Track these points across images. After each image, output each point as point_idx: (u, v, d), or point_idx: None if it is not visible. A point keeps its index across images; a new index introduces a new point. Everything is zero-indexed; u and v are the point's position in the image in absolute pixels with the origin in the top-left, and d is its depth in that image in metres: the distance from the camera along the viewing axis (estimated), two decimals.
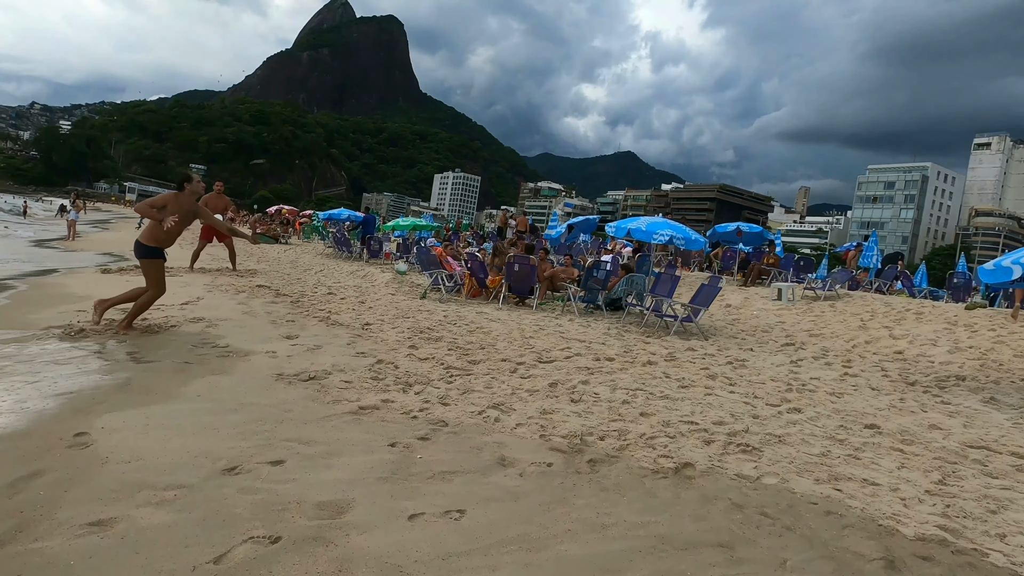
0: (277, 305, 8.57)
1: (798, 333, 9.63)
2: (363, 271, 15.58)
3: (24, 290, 9.10)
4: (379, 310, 8.75)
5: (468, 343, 6.89)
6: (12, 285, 9.52)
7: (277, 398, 4.42)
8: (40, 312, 7.18)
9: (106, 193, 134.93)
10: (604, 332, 8.47)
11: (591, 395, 5.09)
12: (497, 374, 5.60)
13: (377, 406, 4.40)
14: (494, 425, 4.20)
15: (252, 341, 6.16)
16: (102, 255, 16.48)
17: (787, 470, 3.77)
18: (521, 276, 10.36)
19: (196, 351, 5.61)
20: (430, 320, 8.24)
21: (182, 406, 4.11)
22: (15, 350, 5.32)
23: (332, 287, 11.24)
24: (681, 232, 9.15)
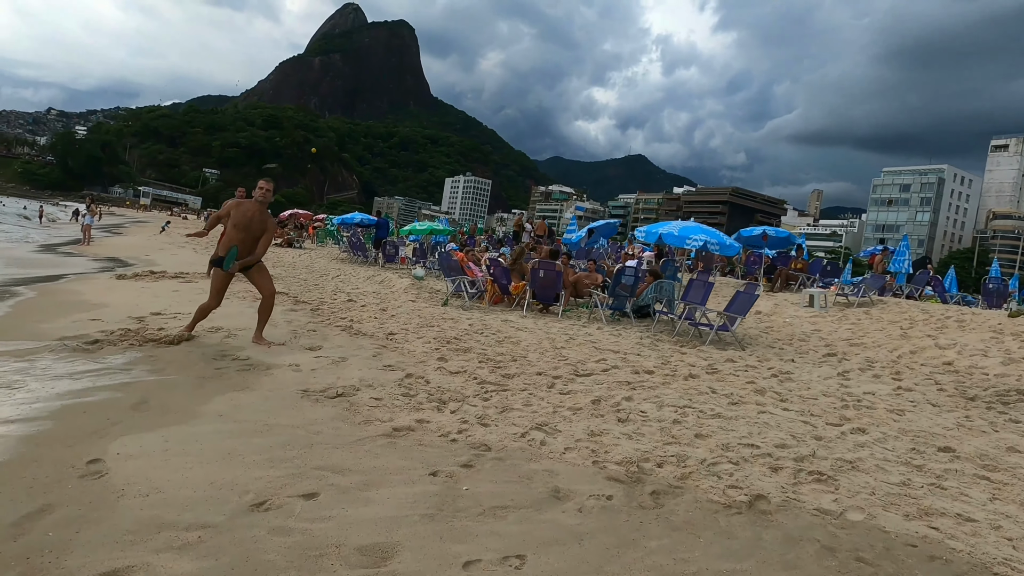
0: (297, 313, 8.27)
1: (837, 342, 9.21)
2: (380, 276, 15.29)
3: (36, 297, 8.87)
4: (402, 318, 8.43)
5: (498, 354, 6.55)
6: (21, 292, 9.29)
7: (304, 418, 4.10)
8: (53, 321, 6.92)
9: (120, 197, 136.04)
10: (637, 342, 8.10)
11: (638, 413, 4.73)
12: (535, 389, 5.25)
13: (412, 427, 4.06)
14: (540, 449, 3.85)
15: (273, 353, 5.86)
16: (100, 260, 16.32)
17: (870, 503, 3.40)
18: (546, 283, 10.01)
19: (215, 364, 5.31)
20: (455, 329, 7.91)
21: (203, 428, 3.80)
22: (26, 363, 5.04)
23: (351, 294, 10.94)
24: (715, 237, 8.77)
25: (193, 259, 17.34)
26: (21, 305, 8.14)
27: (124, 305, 8.15)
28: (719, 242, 8.82)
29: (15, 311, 7.63)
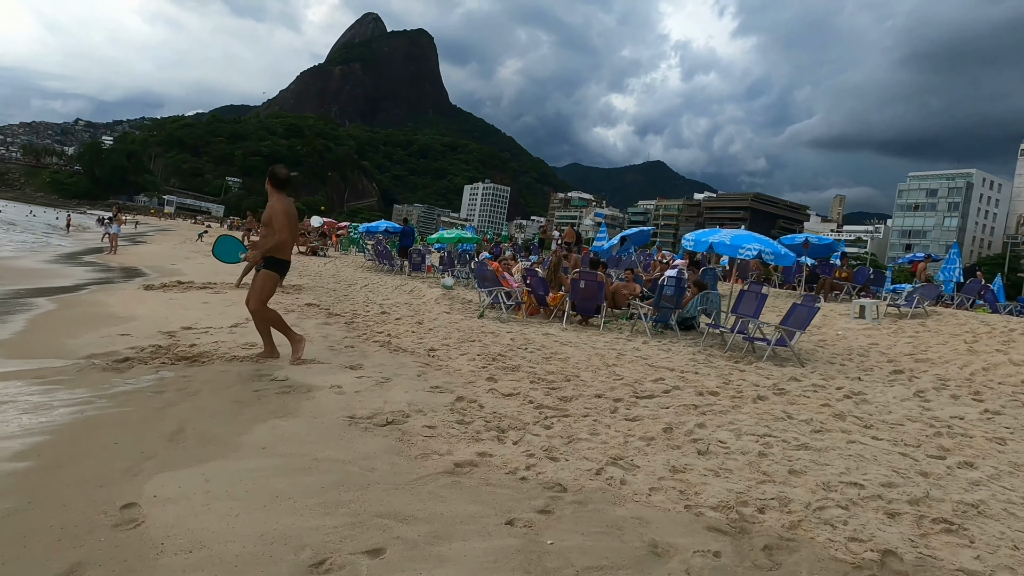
0: (331, 327, 7.92)
1: (900, 358, 8.65)
2: (408, 286, 14.95)
3: (62, 309, 8.63)
4: (440, 333, 8.04)
5: (548, 373, 6.12)
6: (45, 305, 9.07)
7: (355, 451, 3.71)
8: (80, 335, 6.64)
9: (145, 206, 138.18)
10: (690, 358, 7.62)
11: (717, 444, 4.27)
12: (597, 415, 4.81)
13: (474, 462, 3.65)
14: (622, 490, 3.41)
15: (312, 372, 5.49)
16: (125, 269, 16.19)
17: (1018, 561, 2.91)
18: (587, 294, 9.57)
19: (253, 386, 4.95)
20: (498, 344, 7.50)
21: (246, 463, 3.42)
22: (53, 385, 4.72)
23: (384, 305, 10.59)
24: (770, 246, 8.27)
25: (220, 268, 17.16)
26: (47, 318, 7.90)
27: (153, 318, 7.87)
28: (774, 251, 8.32)
29: (41, 325, 7.38)
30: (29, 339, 6.46)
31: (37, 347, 6.05)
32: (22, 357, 5.57)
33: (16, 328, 7.06)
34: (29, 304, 8.91)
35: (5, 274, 13.30)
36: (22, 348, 5.99)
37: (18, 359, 5.49)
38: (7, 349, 5.89)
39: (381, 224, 23.52)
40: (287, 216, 5.59)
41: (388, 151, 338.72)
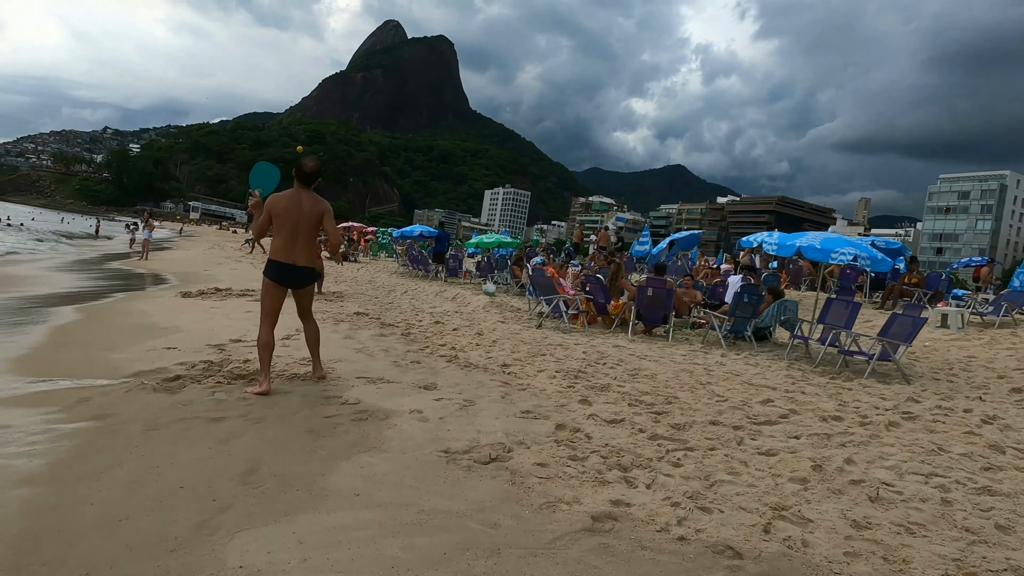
0: (388, 339, 7.31)
1: (1011, 373, 7.80)
2: (448, 292, 14.35)
3: (101, 319, 8.13)
4: (506, 346, 7.39)
5: (643, 393, 5.44)
6: (76, 314, 8.58)
7: (467, 499, 3.06)
8: (123, 349, 6.10)
9: (172, 212, 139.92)
10: (783, 374, 6.88)
11: (888, 489, 3.56)
12: (724, 447, 4.12)
13: (612, 514, 2.98)
14: (808, 554, 2.72)
15: (385, 394, 4.87)
16: (160, 275, 15.79)
17: None
18: (655, 302, 8.87)
19: (322, 410, 4.34)
20: (572, 359, 6.83)
21: (341, 516, 2.79)
22: (102, 409, 4.16)
23: (434, 314, 9.98)
24: (866, 251, 7.50)
25: (253, 274, 16.74)
26: (86, 329, 7.39)
27: (198, 330, 7.33)
28: (870, 256, 7.55)
29: (80, 336, 6.86)
30: (69, 353, 5.93)
31: (78, 362, 5.52)
32: (63, 375, 5.02)
33: (54, 339, 6.55)
34: (62, 313, 8.44)
35: (34, 280, 12.96)
36: (62, 364, 5.46)
37: (59, 376, 4.95)
38: (47, 365, 5.36)
39: (416, 228, 22.99)
40: (280, 213, 4.68)
41: (409, 156, 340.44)
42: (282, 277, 4.76)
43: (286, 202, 4.73)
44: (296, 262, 4.76)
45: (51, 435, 3.64)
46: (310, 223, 4.79)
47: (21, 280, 12.99)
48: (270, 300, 4.82)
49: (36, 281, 12.89)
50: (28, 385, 4.70)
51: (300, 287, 4.92)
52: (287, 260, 4.73)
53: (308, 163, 4.84)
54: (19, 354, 5.75)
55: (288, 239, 4.73)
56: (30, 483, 3.01)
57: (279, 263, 4.74)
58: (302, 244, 4.77)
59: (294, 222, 4.72)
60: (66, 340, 6.61)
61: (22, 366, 5.30)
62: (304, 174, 4.81)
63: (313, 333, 5.12)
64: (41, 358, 5.66)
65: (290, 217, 4.71)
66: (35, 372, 5.09)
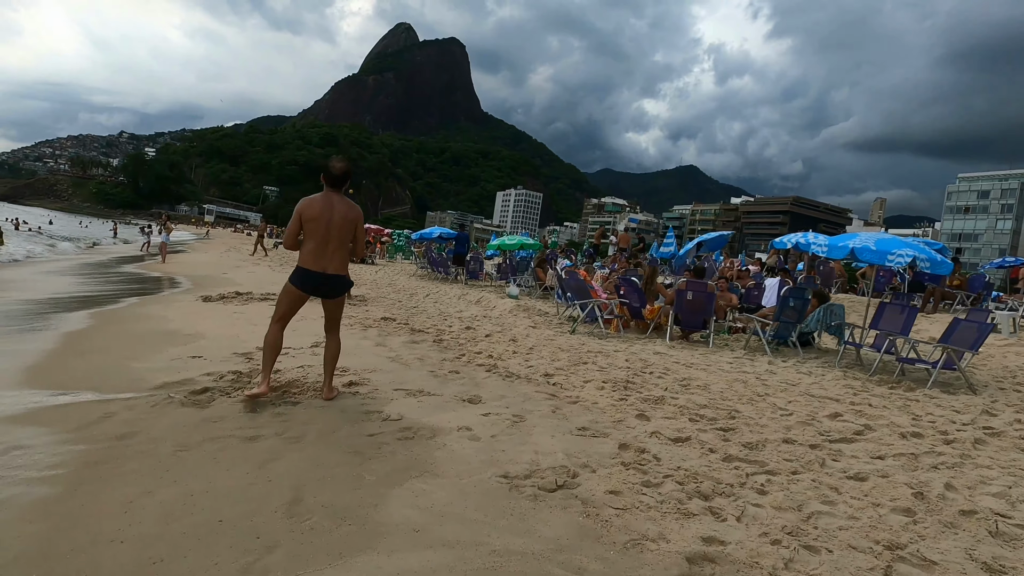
0: (420, 346, 6.98)
1: None
2: (471, 295, 14.02)
3: (118, 324, 7.86)
4: (544, 353, 7.04)
5: (701, 407, 5.06)
6: (93, 318, 8.32)
7: (539, 535, 2.71)
8: (146, 357, 5.79)
9: (187, 215, 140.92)
10: (842, 385, 6.47)
11: (1006, 522, 3.16)
12: (807, 470, 3.73)
13: (708, 555, 2.62)
14: None
15: (428, 408, 4.52)
16: (179, 278, 15.57)
17: None
18: (695, 306, 8.47)
19: (364, 427, 4.00)
20: (615, 367, 6.46)
21: (404, 560, 2.44)
22: (129, 426, 3.84)
23: (463, 318, 9.64)
24: (924, 252, 7.05)
25: (272, 277, 16.50)
26: (105, 334, 7.11)
27: (222, 336, 7.03)
28: (929, 258, 7.11)
29: (103, 343, 6.58)
30: (89, 362, 5.64)
31: (100, 372, 5.22)
32: (84, 386, 4.72)
33: (73, 346, 6.27)
34: (79, 318, 8.19)
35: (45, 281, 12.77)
36: (82, 374, 5.16)
37: (80, 389, 4.65)
38: (67, 375, 5.06)
39: (435, 230, 22.68)
40: (312, 218, 4.33)
41: (421, 158, 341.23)
42: (308, 284, 4.42)
43: (318, 207, 4.36)
44: (326, 269, 4.39)
45: (73, 457, 3.33)
46: (343, 229, 4.40)
47: (33, 284, 12.81)
48: (287, 303, 4.49)
49: (48, 285, 12.70)
50: (48, 398, 4.41)
51: (330, 296, 4.53)
52: (316, 267, 4.37)
53: (336, 164, 4.44)
54: (36, 362, 5.47)
55: (319, 245, 4.37)
56: (50, 515, 2.69)
57: (307, 270, 4.38)
58: (332, 250, 4.39)
59: (326, 228, 4.35)
60: (85, 347, 6.34)
61: (40, 376, 5.02)
62: (333, 176, 4.42)
63: (334, 350, 4.67)
64: (60, 367, 5.37)
65: (322, 222, 4.34)
66: (54, 383, 4.80)
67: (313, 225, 4.36)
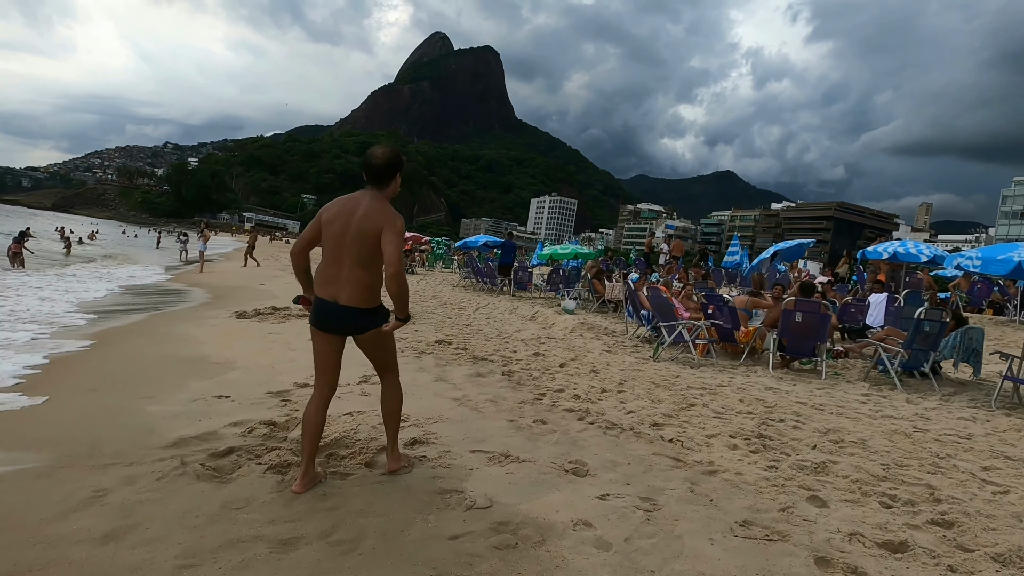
0: (488, 380, 5.81)
1: None
2: (522, 309, 12.85)
3: (147, 345, 6.87)
4: (637, 389, 5.81)
5: (877, 478, 3.76)
6: (128, 339, 7.36)
7: None
8: (164, 397, 4.75)
9: (227, 223, 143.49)
10: (1015, 431, 5.09)
11: None
12: None
13: None
14: None
15: (523, 485, 3.34)
16: (213, 290, 14.76)
17: None
18: (805, 329, 7.14)
19: (442, 523, 2.85)
20: (731, 410, 5.20)
21: None
22: (123, 515, 2.77)
23: (527, 341, 8.46)
24: None
25: (291, 290, 15.62)
26: (128, 361, 6.12)
27: (255, 366, 6.00)
28: None
29: (120, 372, 5.58)
30: (96, 402, 4.62)
31: (105, 419, 4.19)
32: (81, 440, 3.67)
33: (85, 378, 5.27)
34: (101, 335, 7.26)
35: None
36: (83, 420, 4.14)
37: (75, 444, 3.59)
38: (63, 424, 4.03)
39: (480, 238, 21.62)
40: (324, 223, 3.17)
41: (455, 166, 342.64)
42: (322, 319, 3.16)
43: (335, 210, 3.15)
44: (336, 298, 3.09)
45: None
46: (360, 241, 3.06)
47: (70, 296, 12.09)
48: (316, 351, 3.25)
49: (80, 294, 11.95)
50: (25, 462, 3.36)
51: (349, 333, 3.21)
52: (325, 294, 3.12)
53: (376, 152, 3.21)
54: (29, 405, 4.46)
55: (329, 262, 3.11)
56: None
57: (319, 299, 3.15)
58: (347, 271, 3.08)
59: (338, 238, 3.08)
60: (99, 379, 5.34)
61: (33, 423, 4.01)
62: (370, 167, 3.16)
63: (392, 402, 3.43)
64: (58, 411, 4.37)
65: (334, 229, 3.09)
66: (47, 435, 3.77)
67: (325, 235, 3.13)
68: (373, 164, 3.16)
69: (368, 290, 3.13)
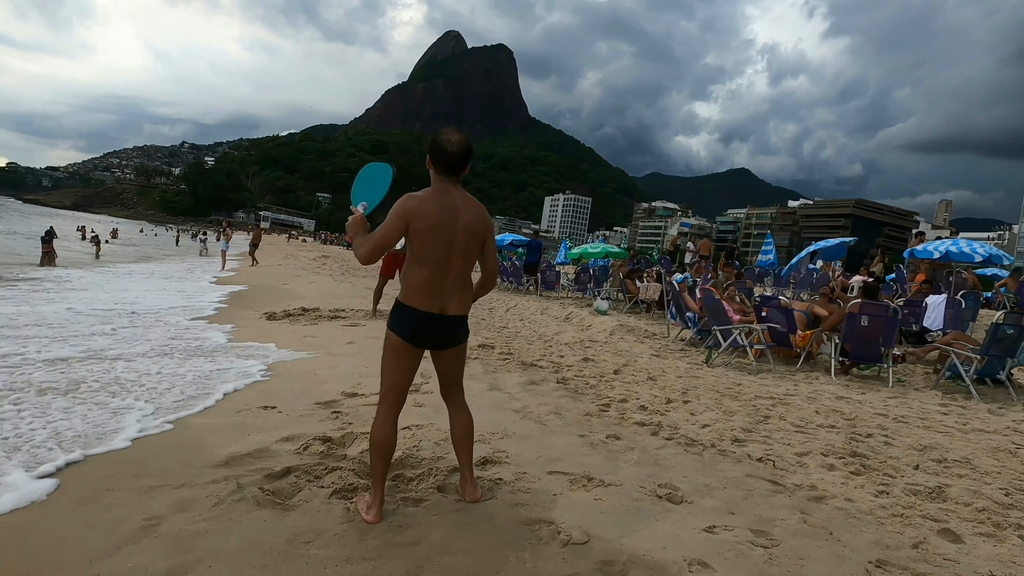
0: (544, 388, 5.47)
1: None
2: (554, 309, 12.51)
3: (176, 359, 6.60)
4: (705, 399, 5.44)
5: (1002, 505, 3.38)
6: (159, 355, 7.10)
7: None
8: (210, 411, 4.46)
9: (243, 221, 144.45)
10: None
11: None
12: None
13: None
14: None
15: (616, 514, 2.99)
16: (236, 288, 14.54)
17: None
18: (871, 333, 6.74)
19: (539, 561, 2.51)
20: (812, 423, 4.83)
21: None
22: (180, 549, 2.46)
23: (571, 344, 8.11)
24: None
25: (336, 289, 15.39)
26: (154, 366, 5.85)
27: (295, 372, 5.71)
28: None
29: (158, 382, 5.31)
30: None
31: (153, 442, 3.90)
32: (126, 462, 3.38)
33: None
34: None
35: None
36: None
37: (135, 477, 3.31)
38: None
39: (506, 237, 21.27)
40: (426, 228, 2.72)
41: (469, 164, 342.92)
42: (422, 334, 2.77)
43: (434, 209, 2.72)
44: (445, 310, 2.76)
45: None
46: (470, 246, 2.79)
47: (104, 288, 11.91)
48: (396, 369, 2.84)
49: (101, 293, 11.78)
50: (66, 479, 3.07)
51: (447, 346, 2.90)
52: (431, 307, 2.73)
53: (452, 139, 2.76)
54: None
55: (436, 271, 2.72)
56: None
57: (419, 312, 2.73)
58: (454, 279, 2.77)
59: (447, 244, 2.72)
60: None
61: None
62: (447, 156, 2.75)
63: (466, 425, 3.08)
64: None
65: (442, 235, 2.71)
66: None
67: (428, 239, 2.70)
68: (453, 152, 2.76)
69: (471, 296, 2.91)
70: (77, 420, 4.03)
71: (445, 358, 2.97)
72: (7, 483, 3.06)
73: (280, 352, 6.60)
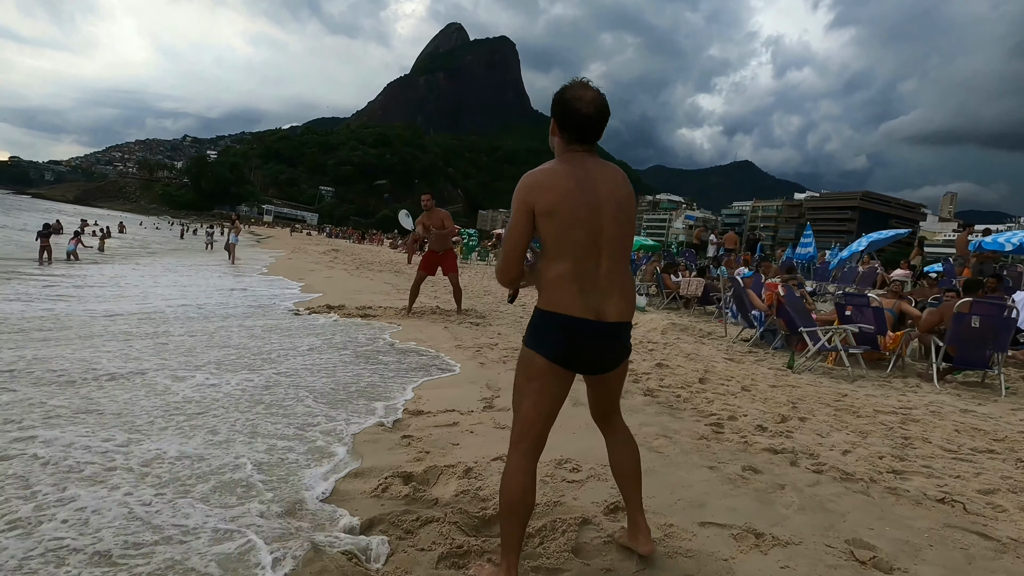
0: (633, 404, 4.69)
1: None
2: None
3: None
4: (817, 414, 4.69)
5: None
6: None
7: None
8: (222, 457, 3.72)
9: (246, 215, 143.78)
10: None
11: None
12: None
13: None
14: None
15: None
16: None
17: None
18: (980, 335, 5.99)
19: None
20: (964, 446, 4.09)
21: None
22: None
23: (634, 346, 7.38)
24: None
25: (352, 284, 14.67)
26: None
27: None
28: None
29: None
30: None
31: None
32: (174, 492, 2.66)
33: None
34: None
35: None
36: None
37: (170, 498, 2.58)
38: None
39: None
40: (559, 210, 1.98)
41: (472, 158, 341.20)
42: (575, 350, 2.01)
43: (567, 184, 2.00)
44: (603, 314, 2.00)
45: None
46: (626, 227, 2.09)
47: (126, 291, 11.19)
48: (538, 401, 2.06)
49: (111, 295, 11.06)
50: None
51: (609, 367, 2.14)
52: (586, 312, 1.97)
53: (586, 97, 2.07)
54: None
55: (581, 262, 1.98)
56: None
57: (569, 319, 1.97)
58: (608, 271, 2.01)
59: (590, 222, 1.99)
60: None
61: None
62: (581, 118, 2.06)
63: (633, 458, 2.35)
64: None
65: (579, 215, 1.98)
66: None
67: (560, 221, 1.97)
68: (587, 114, 2.05)
69: (634, 296, 2.15)
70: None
71: (605, 381, 2.22)
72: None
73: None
